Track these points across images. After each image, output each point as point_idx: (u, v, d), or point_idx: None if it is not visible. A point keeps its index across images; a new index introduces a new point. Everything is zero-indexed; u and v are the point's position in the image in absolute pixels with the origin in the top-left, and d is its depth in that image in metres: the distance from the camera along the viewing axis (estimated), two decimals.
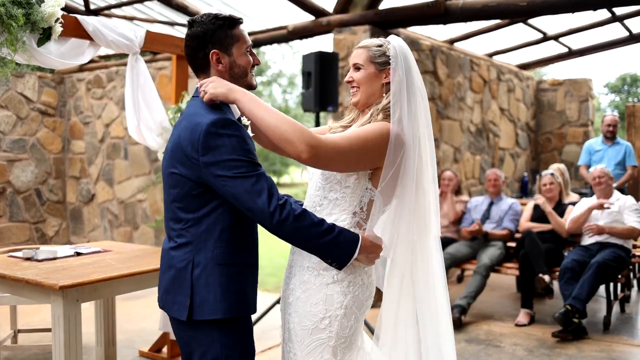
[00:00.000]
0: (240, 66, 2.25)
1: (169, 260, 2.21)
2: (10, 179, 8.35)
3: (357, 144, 2.13)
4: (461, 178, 8.00)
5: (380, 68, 2.31)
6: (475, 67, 8.42)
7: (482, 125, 8.60)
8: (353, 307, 2.22)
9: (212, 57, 2.20)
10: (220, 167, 2.03)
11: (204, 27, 2.19)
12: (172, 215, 2.22)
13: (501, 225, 6.36)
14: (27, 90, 8.53)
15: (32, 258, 3.84)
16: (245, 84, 2.28)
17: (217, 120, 2.06)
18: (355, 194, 2.21)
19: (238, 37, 2.24)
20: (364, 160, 2.16)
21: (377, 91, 2.32)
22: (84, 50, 3.95)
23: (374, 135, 2.16)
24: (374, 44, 2.35)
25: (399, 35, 6.68)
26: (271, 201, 2.01)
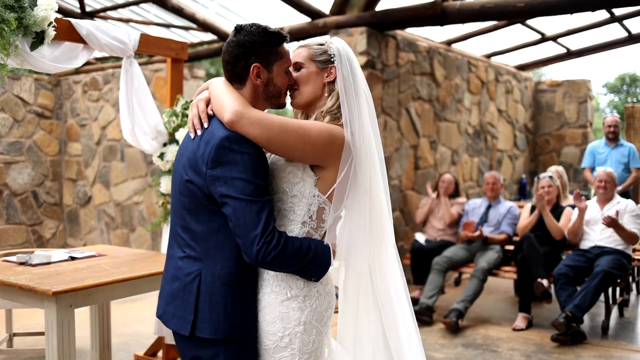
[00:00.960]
0: (276, 85, 2.21)
1: (175, 270, 2.17)
2: (7, 181, 8.32)
3: (294, 130, 2.07)
4: (459, 180, 7.99)
5: (322, 66, 2.26)
6: (473, 68, 8.40)
7: (480, 127, 8.58)
8: (312, 321, 2.15)
9: (253, 70, 2.14)
10: (226, 185, 1.99)
11: (251, 37, 2.13)
12: (181, 223, 2.17)
13: (499, 229, 6.33)
14: (23, 93, 8.51)
15: (26, 263, 3.81)
16: (276, 104, 2.26)
17: (232, 135, 2.02)
18: (302, 202, 2.14)
19: (282, 55, 2.19)
20: (298, 148, 2.08)
21: (318, 90, 2.26)
22: (77, 54, 3.92)
23: (319, 130, 2.10)
24: (315, 43, 2.31)
25: (396, 37, 6.68)
26: (263, 236, 1.97)
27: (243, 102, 2.08)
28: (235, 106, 2.04)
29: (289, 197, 2.15)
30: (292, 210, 2.15)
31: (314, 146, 2.09)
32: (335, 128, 2.14)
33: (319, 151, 2.10)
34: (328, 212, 2.17)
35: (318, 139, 2.09)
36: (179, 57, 4.57)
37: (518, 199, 8.53)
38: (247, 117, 2.02)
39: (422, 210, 6.73)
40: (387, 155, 6.54)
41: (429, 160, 7.34)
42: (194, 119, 2.17)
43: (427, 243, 6.48)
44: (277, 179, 2.18)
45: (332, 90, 2.25)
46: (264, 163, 2.09)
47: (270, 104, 2.25)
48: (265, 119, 2.04)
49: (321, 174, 2.14)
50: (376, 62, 6.34)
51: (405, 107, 6.88)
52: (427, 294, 5.90)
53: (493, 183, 6.51)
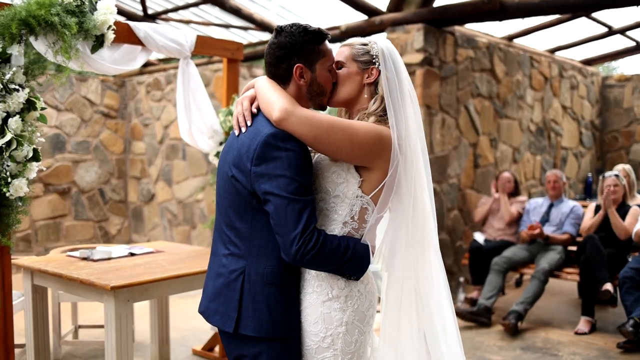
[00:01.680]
0: (319, 85, 2.21)
1: (219, 267, 2.20)
2: (75, 179, 8.63)
3: (342, 129, 2.06)
4: (521, 179, 7.82)
5: (363, 67, 2.24)
6: (535, 63, 8.20)
7: (543, 124, 8.38)
8: (355, 321, 2.14)
9: (296, 70, 2.15)
10: (269, 182, 2.00)
11: (292, 38, 2.14)
12: (226, 220, 2.19)
13: (561, 229, 6.17)
14: (90, 94, 8.80)
15: (88, 258, 3.95)
16: (319, 103, 2.26)
17: (278, 132, 2.03)
18: (345, 202, 2.13)
19: (324, 53, 2.20)
20: (345, 148, 2.07)
21: (356, 91, 2.25)
22: (136, 56, 4.03)
23: (367, 131, 2.09)
24: (358, 42, 2.29)
25: (454, 33, 6.59)
26: (302, 235, 1.97)
27: (291, 100, 2.09)
28: (284, 104, 2.05)
29: (331, 197, 2.15)
30: (334, 210, 2.15)
31: (361, 146, 2.08)
32: (383, 129, 2.13)
33: (366, 152, 2.10)
34: (371, 213, 2.16)
35: (366, 139, 2.08)
36: (234, 58, 4.64)
37: (584, 198, 8.28)
38: (295, 115, 2.03)
39: (481, 209, 6.62)
40: (445, 154, 6.46)
41: (488, 159, 7.21)
42: (238, 117, 2.20)
43: (486, 243, 6.37)
44: (320, 179, 2.18)
45: (371, 92, 2.24)
46: (309, 162, 2.09)
47: (313, 104, 2.25)
48: (314, 117, 2.05)
49: (366, 175, 2.13)
50: (433, 59, 6.27)
51: (464, 105, 6.79)
52: (485, 295, 5.81)
53: (554, 181, 6.35)
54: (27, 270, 3.82)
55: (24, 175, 3.18)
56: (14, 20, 3.18)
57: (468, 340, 5.32)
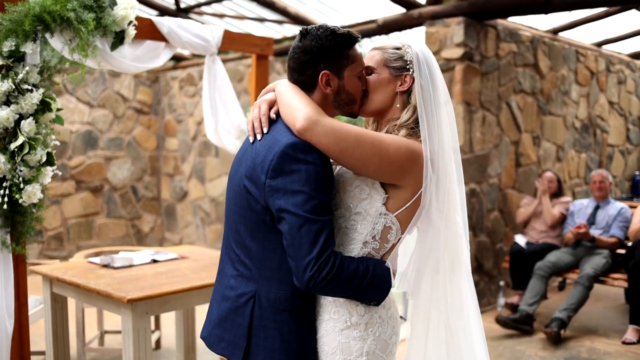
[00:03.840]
0: (348, 93, 2.00)
1: (226, 290, 1.99)
2: (107, 176, 8.56)
3: (372, 143, 1.86)
4: (565, 178, 7.47)
5: (396, 74, 2.03)
6: (581, 58, 7.82)
7: (588, 120, 7.99)
8: (376, 350, 1.93)
9: (322, 78, 1.95)
10: (285, 197, 1.80)
11: (318, 42, 1.93)
12: (235, 237, 1.99)
13: (608, 232, 5.82)
14: (123, 89, 8.71)
15: (109, 265, 3.81)
16: (348, 112, 2.06)
17: (299, 143, 1.83)
18: (367, 220, 1.93)
19: (354, 58, 1.99)
20: (374, 163, 1.87)
21: (387, 100, 2.04)
22: (159, 53, 3.85)
23: (398, 146, 1.89)
24: (391, 46, 2.08)
25: (496, 26, 6.28)
26: (318, 261, 1.76)
27: (316, 108, 1.89)
28: (309, 112, 1.85)
29: (352, 214, 1.95)
30: (354, 228, 1.95)
31: (391, 163, 1.87)
32: (415, 144, 1.93)
33: (396, 168, 1.89)
34: (394, 233, 1.95)
35: (397, 155, 1.88)
36: (264, 53, 4.43)
37: (630, 198, 7.87)
38: (322, 125, 1.83)
39: (524, 210, 6.28)
40: (485, 152, 6.16)
41: (531, 157, 6.88)
42: (254, 122, 1.99)
43: (527, 246, 6.06)
44: (341, 193, 1.98)
45: (404, 101, 2.03)
46: (330, 177, 1.88)
47: (342, 112, 2.05)
48: (341, 129, 1.85)
49: (393, 192, 1.93)
50: (474, 53, 5.97)
51: (506, 101, 6.47)
52: (527, 301, 5.51)
53: (600, 182, 6.01)
54: (46, 278, 3.68)
55: (38, 180, 3.00)
56: (28, 17, 3.01)
57: (508, 349, 5.05)
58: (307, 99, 1.92)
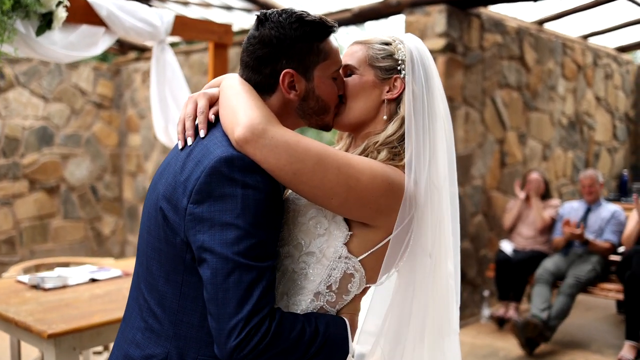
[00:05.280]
0: (319, 99, 1.52)
1: (130, 346, 1.48)
2: (64, 175, 7.97)
3: (338, 167, 1.37)
4: (551, 178, 7.04)
5: (383, 76, 1.56)
6: (568, 51, 7.40)
7: (575, 117, 7.58)
8: None
9: (284, 78, 1.47)
10: (211, 231, 1.32)
11: (280, 31, 1.45)
12: (147, 276, 1.49)
13: (602, 236, 5.39)
14: (81, 82, 8.12)
15: (39, 286, 3.28)
16: (319, 123, 1.57)
17: (237, 158, 1.34)
18: (322, 264, 1.45)
19: (327, 54, 1.51)
20: (337, 195, 1.38)
21: (371, 109, 1.57)
22: (97, 40, 3.33)
23: (373, 175, 1.41)
24: (378, 41, 1.60)
25: (480, 16, 5.80)
26: (247, 324, 1.27)
27: (267, 113, 1.40)
28: (255, 117, 1.36)
29: (302, 254, 1.46)
30: (303, 273, 1.46)
31: (361, 197, 1.39)
32: (397, 175, 1.44)
33: (368, 205, 1.41)
34: (357, 282, 1.46)
35: (371, 188, 1.39)
36: (222, 42, 3.92)
37: (618, 198, 7.47)
38: (270, 137, 1.34)
39: (510, 214, 5.83)
40: (468, 152, 5.71)
41: (516, 156, 6.44)
42: (185, 121, 1.49)
43: (515, 253, 5.61)
44: (290, 225, 1.49)
45: (392, 111, 1.55)
46: (277, 208, 1.39)
47: (309, 123, 1.55)
48: (298, 144, 1.36)
49: (360, 230, 1.44)
50: (457, 45, 5.51)
51: (491, 96, 6.02)
52: (538, 307, 5.01)
53: (590, 185, 5.58)
54: None
55: None
56: None
57: None
58: (257, 101, 1.43)
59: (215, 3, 7.11)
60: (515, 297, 5.53)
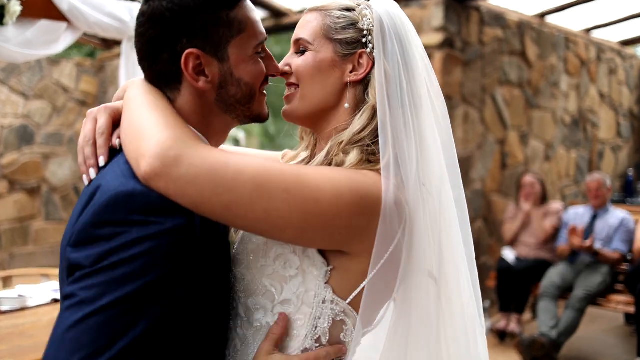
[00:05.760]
0: (240, 83, 1.20)
1: None
2: (46, 175, 7.65)
3: (284, 188, 1.05)
4: (553, 179, 6.74)
5: (344, 52, 1.24)
6: (571, 45, 7.09)
7: (578, 114, 7.27)
8: None
9: (187, 61, 1.16)
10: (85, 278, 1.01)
11: (174, 1, 1.14)
12: None
13: (610, 245, 5.08)
14: (63, 78, 7.79)
15: None
16: (250, 114, 1.25)
17: (139, 194, 1.04)
18: (302, 313, 1.16)
19: (242, 25, 1.19)
20: (293, 226, 1.07)
21: (330, 96, 1.25)
22: (58, 36, 3.02)
23: (336, 190, 1.08)
24: (337, 6, 1.28)
25: (479, 9, 5.48)
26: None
27: (181, 132, 1.07)
28: (165, 141, 1.04)
29: (276, 304, 1.17)
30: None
31: (324, 222, 1.07)
32: (367, 183, 1.11)
33: (335, 229, 1.09)
34: (351, 329, 1.16)
35: (335, 209, 1.07)
36: None
37: (623, 200, 7.17)
38: (187, 165, 1.02)
39: (510, 226, 5.49)
40: (467, 154, 5.40)
41: (518, 157, 6.14)
42: (84, 148, 1.20)
43: (517, 262, 5.30)
44: (252, 270, 1.18)
45: (357, 98, 1.23)
46: (205, 259, 1.09)
47: (237, 116, 1.24)
48: (226, 168, 1.03)
49: (340, 262, 1.14)
50: (455, 40, 5.19)
51: (491, 94, 5.71)
52: (547, 324, 4.70)
53: (596, 189, 5.27)
54: None
55: None
56: None
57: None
58: (167, 116, 1.11)
59: None
60: (517, 308, 5.22)
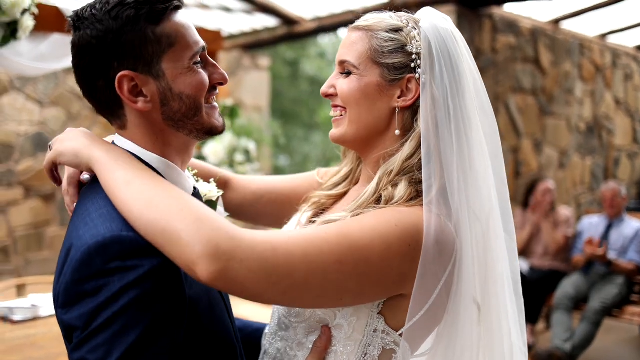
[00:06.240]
0: (182, 96, 1.17)
1: None
2: None
3: (336, 260, 1.04)
4: (568, 187, 6.69)
5: (392, 77, 1.21)
6: (586, 51, 7.04)
7: (593, 121, 7.22)
8: None
9: (122, 84, 1.14)
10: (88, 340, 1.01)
11: (97, 27, 1.13)
12: None
13: (625, 255, 5.02)
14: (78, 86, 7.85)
15: (7, 318, 3.00)
16: (201, 127, 1.21)
17: (107, 242, 1.03)
18: (354, 339, 1.15)
19: (171, 38, 1.16)
20: (348, 292, 1.08)
21: (378, 122, 1.23)
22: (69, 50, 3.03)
23: (385, 244, 1.07)
24: (385, 26, 1.24)
25: (492, 16, 5.47)
26: None
27: (207, 218, 1.01)
28: (206, 242, 0.98)
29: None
30: (332, 351, 1.17)
31: (378, 278, 1.09)
32: (412, 225, 1.11)
33: (387, 280, 1.11)
34: (399, 357, 1.16)
35: (386, 262, 1.08)
36: (212, 48, 3.62)
37: (639, 207, 7.10)
38: (239, 260, 0.98)
39: (520, 235, 5.44)
40: None
41: (531, 165, 6.10)
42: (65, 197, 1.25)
43: (531, 272, 5.26)
44: None
45: (405, 123, 1.21)
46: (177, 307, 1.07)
47: (189, 133, 1.21)
48: (275, 255, 1.01)
49: (393, 299, 1.15)
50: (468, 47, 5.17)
51: (504, 102, 5.68)
52: (561, 337, 4.66)
53: (611, 198, 5.21)
54: None
55: None
56: None
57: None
58: (170, 191, 1.05)
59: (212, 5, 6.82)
60: (531, 319, 5.18)
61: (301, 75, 14.92)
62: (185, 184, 1.25)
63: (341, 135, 1.27)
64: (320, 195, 1.40)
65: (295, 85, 14.89)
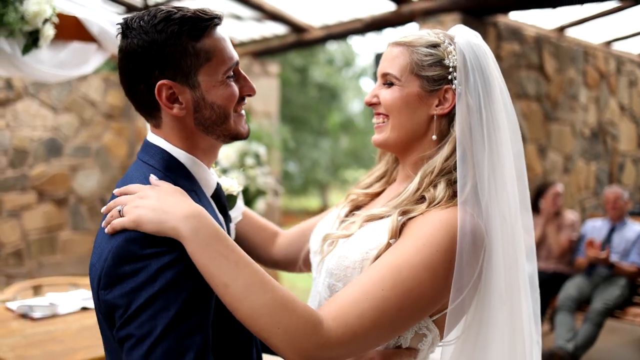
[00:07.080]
0: (214, 106, 1.30)
1: None
2: (73, 186, 7.86)
3: (395, 297, 1.18)
4: (572, 191, 6.78)
5: (431, 88, 1.35)
6: (590, 58, 7.13)
7: (598, 127, 7.31)
8: None
9: (160, 92, 1.27)
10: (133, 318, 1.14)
11: (144, 37, 1.25)
12: None
13: (627, 258, 5.12)
14: (91, 92, 8.01)
15: (27, 315, 3.12)
16: (228, 133, 1.34)
17: (140, 234, 1.17)
18: None
19: (210, 53, 1.28)
20: (406, 317, 1.21)
21: (418, 128, 1.37)
22: (89, 57, 3.16)
23: (432, 272, 1.21)
24: (424, 42, 1.37)
25: (497, 24, 5.57)
26: None
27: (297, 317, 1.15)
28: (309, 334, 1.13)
29: None
30: None
31: (434, 294, 1.23)
32: (451, 229, 1.23)
33: (441, 296, 1.24)
34: (429, 341, 1.30)
35: (436, 282, 1.22)
36: None
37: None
38: (330, 352, 1.15)
39: None
40: None
41: (536, 170, 6.19)
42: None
43: None
44: None
45: (442, 129, 1.35)
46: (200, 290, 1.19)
47: (216, 137, 1.34)
48: (362, 322, 1.16)
49: None
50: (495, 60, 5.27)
51: None
52: (563, 337, 4.74)
53: (614, 201, 5.31)
54: None
55: None
56: None
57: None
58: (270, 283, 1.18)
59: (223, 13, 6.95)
60: None
61: (310, 82, 15.03)
62: (209, 178, 1.39)
63: (384, 140, 1.41)
64: (358, 193, 1.55)
65: (304, 92, 15.01)
